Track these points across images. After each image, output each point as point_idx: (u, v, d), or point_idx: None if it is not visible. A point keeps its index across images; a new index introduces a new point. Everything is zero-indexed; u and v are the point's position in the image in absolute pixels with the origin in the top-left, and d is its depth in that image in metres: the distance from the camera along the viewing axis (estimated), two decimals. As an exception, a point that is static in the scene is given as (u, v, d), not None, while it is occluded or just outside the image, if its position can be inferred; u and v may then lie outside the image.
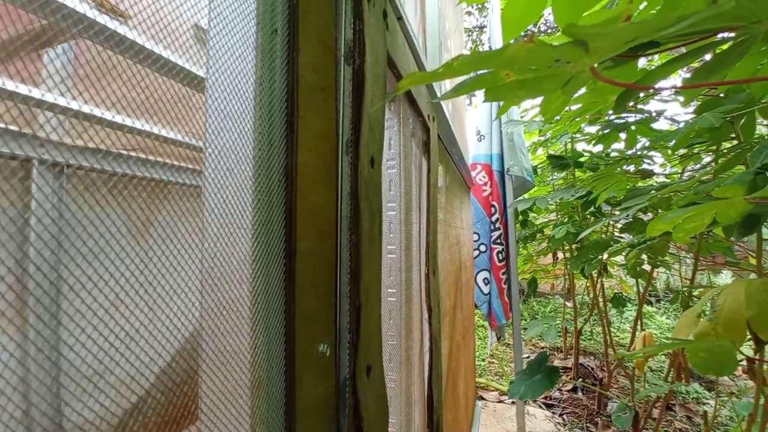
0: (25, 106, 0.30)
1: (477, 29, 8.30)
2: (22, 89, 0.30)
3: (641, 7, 0.76)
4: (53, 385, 0.29)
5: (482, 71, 0.42)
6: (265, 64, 0.37)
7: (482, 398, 3.11)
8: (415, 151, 0.94)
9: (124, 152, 0.37)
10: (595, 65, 0.38)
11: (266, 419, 0.34)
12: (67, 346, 0.29)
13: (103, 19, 0.34)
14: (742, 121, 1.27)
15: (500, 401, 3.06)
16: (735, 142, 1.45)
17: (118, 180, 0.35)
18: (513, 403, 2.90)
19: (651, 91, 1.67)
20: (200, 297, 0.34)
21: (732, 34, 0.51)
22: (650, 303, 5.53)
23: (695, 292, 1.95)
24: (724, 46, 0.57)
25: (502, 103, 0.71)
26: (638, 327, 2.40)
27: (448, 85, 1.62)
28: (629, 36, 0.30)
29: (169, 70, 0.37)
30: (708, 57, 0.59)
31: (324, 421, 0.41)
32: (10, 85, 0.30)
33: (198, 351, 0.32)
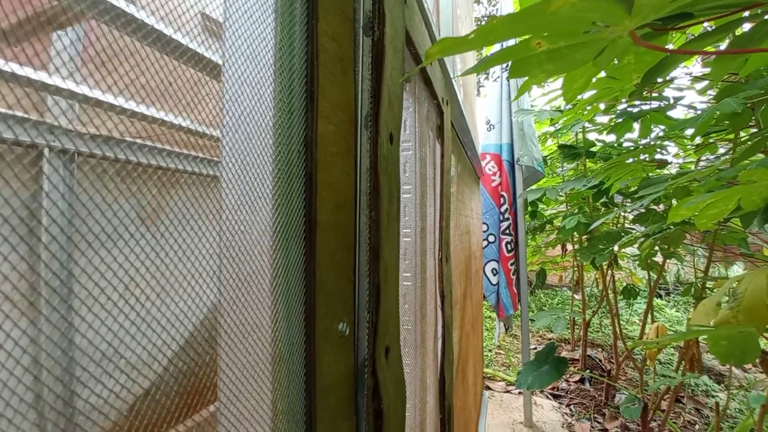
0: (30, 89, 0.29)
1: (485, 19, 8.18)
2: (28, 72, 0.29)
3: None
4: (67, 366, 0.28)
5: (511, 42, 0.40)
6: (285, 29, 0.36)
7: (489, 388, 3.11)
8: (430, 134, 0.92)
9: (138, 140, 0.36)
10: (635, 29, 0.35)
11: (287, 395, 0.33)
12: (78, 331, 0.28)
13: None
14: (762, 107, 1.23)
15: (507, 391, 3.06)
16: (753, 131, 1.41)
17: (130, 168, 0.34)
18: (520, 393, 2.90)
19: (669, 78, 1.62)
20: (219, 269, 0.33)
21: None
22: (660, 296, 5.49)
23: (709, 284, 1.92)
24: (739, 31, 0.55)
25: (520, 86, 0.69)
26: (648, 319, 2.37)
27: (459, 68, 1.58)
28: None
29: (182, 54, 0.35)
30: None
31: (344, 401, 0.40)
32: (17, 69, 0.28)
33: (218, 323, 0.31)
